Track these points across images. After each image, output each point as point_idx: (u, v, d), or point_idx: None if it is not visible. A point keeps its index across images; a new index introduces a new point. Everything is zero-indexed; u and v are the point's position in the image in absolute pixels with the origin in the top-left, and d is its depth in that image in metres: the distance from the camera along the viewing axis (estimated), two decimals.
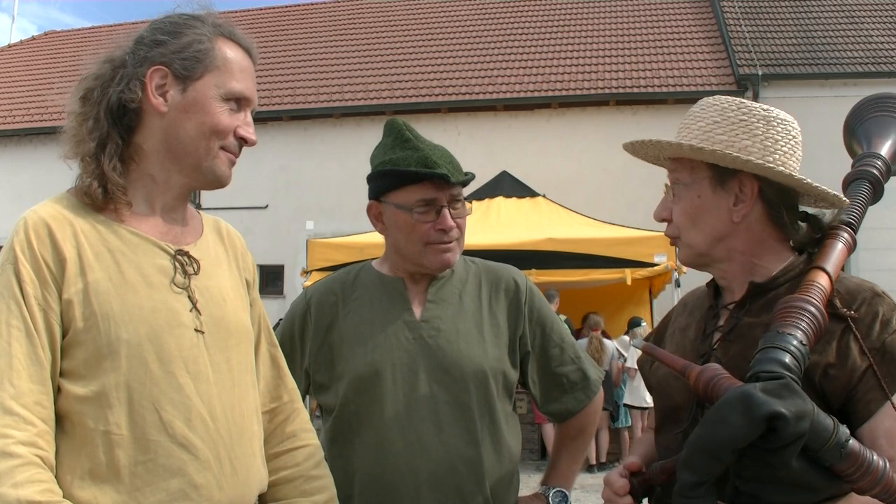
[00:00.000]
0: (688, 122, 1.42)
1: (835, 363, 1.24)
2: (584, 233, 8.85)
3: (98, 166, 1.30)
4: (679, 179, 1.41)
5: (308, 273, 8.75)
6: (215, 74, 1.34)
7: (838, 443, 1.11)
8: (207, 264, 1.39)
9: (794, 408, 1.08)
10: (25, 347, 1.18)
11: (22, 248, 1.23)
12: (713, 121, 1.38)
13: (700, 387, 1.19)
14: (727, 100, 1.40)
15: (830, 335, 1.25)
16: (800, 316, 1.21)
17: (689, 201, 1.40)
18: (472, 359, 1.74)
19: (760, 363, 1.17)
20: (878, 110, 1.52)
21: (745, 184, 1.35)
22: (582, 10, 17.43)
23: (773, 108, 1.39)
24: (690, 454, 1.14)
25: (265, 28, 18.44)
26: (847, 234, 1.37)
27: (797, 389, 1.12)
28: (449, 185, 1.73)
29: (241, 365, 1.39)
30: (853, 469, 1.11)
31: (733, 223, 1.37)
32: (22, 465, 1.12)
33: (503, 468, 1.75)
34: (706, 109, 1.40)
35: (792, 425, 1.07)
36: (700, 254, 1.41)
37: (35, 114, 15.82)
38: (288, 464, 1.49)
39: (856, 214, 1.40)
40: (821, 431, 1.10)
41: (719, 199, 1.37)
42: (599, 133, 13.51)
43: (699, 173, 1.38)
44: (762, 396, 1.09)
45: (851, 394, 1.23)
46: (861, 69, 13.43)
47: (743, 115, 1.36)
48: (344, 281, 1.89)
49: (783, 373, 1.13)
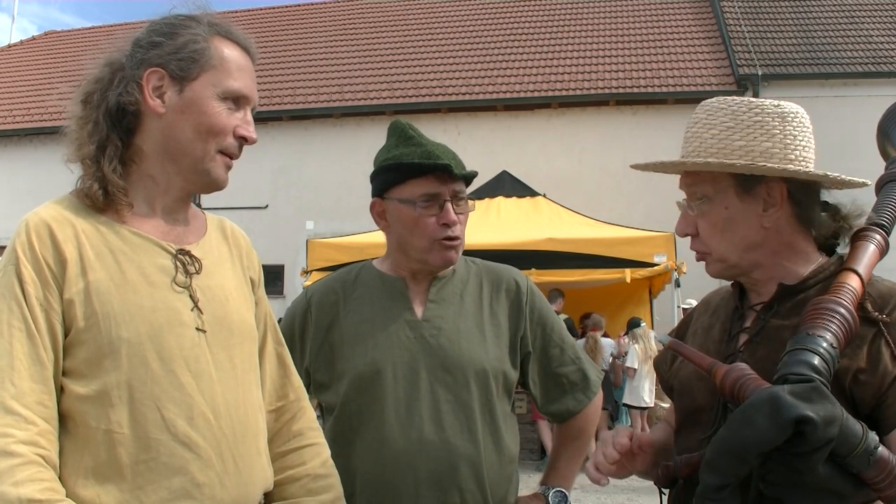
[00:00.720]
0: (698, 131, 1.37)
1: (865, 368, 1.21)
2: (584, 233, 8.85)
3: (98, 169, 1.31)
4: (701, 193, 1.36)
5: (308, 273, 8.75)
6: (212, 74, 1.34)
7: (867, 450, 1.08)
8: (210, 263, 1.39)
9: (823, 412, 1.06)
10: (27, 347, 1.19)
11: (23, 249, 1.24)
12: (726, 126, 1.33)
13: (727, 386, 1.17)
14: (735, 101, 1.35)
15: (861, 339, 1.22)
16: (830, 318, 1.18)
17: (716, 214, 1.35)
18: (473, 358, 1.74)
19: (789, 365, 1.13)
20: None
21: (772, 188, 1.31)
22: (582, 10, 17.44)
23: (781, 102, 1.35)
24: (714, 455, 1.11)
25: (265, 28, 18.45)
26: (880, 235, 1.33)
27: (826, 393, 1.09)
28: (452, 179, 1.74)
29: (245, 363, 1.39)
30: (881, 477, 1.09)
31: (764, 229, 1.33)
32: (22, 464, 1.12)
33: (503, 467, 1.75)
34: (715, 114, 1.35)
35: (820, 430, 1.05)
36: (733, 265, 1.37)
37: (35, 114, 15.84)
38: (294, 462, 1.49)
39: (888, 216, 1.36)
40: (850, 437, 1.08)
41: (748, 207, 1.33)
42: (599, 133, 13.53)
43: (722, 183, 1.34)
44: (790, 399, 1.06)
45: (881, 400, 1.19)
46: (861, 69, 13.44)
47: (756, 115, 1.32)
48: (345, 280, 1.89)
49: (812, 376, 1.10)
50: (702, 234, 1.38)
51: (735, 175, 1.32)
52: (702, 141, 1.35)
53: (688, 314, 1.63)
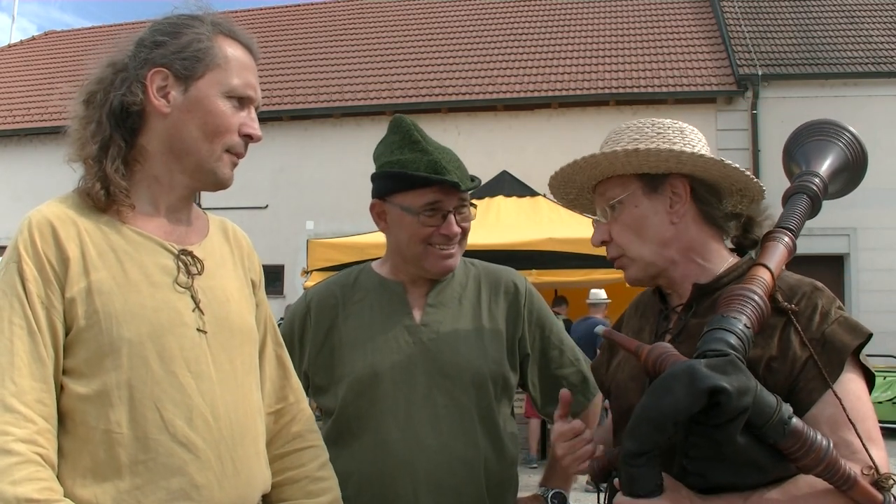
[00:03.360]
0: (608, 145, 1.46)
1: (777, 356, 1.28)
2: (584, 233, 8.75)
3: (101, 169, 1.31)
4: (612, 197, 1.45)
5: (308, 273, 8.74)
6: (216, 72, 1.35)
7: (781, 419, 1.14)
8: (212, 264, 1.39)
9: (737, 383, 1.12)
10: (27, 345, 1.19)
11: (25, 247, 1.24)
12: (632, 138, 1.43)
13: (650, 362, 1.24)
14: (640, 120, 1.47)
15: (772, 329, 1.30)
16: (744, 302, 1.26)
17: (627, 214, 1.44)
18: (471, 362, 1.74)
19: (707, 343, 1.21)
20: (817, 135, 1.59)
21: (676, 185, 1.41)
22: (582, 10, 17.43)
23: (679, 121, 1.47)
24: (634, 423, 1.17)
25: (265, 28, 18.44)
26: (787, 237, 1.41)
27: (741, 366, 1.15)
28: (457, 190, 1.73)
29: (245, 365, 1.39)
30: (797, 446, 1.14)
31: (673, 224, 1.42)
32: (21, 463, 1.12)
33: (502, 471, 1.75)
34: (622, 133, 1.46)
35: (735, 399, 1.11)
36: (649, 263, 1.45)
37: (35, 114, 15.82)
38: (293, 464, 1.49)
39: (794, 221, 1.44)
40: (764, 407, 1.14)
41: (656, 204, 1.42)
42: (599, 133, 13.36)
43: (630, 185, 1.43)
44: (706, 371, 1.12)
45: (794, 384, 1.26)
46: (861, 69, 13.43)
47: (658, 129, 1.43)
48: (344, 283, 1.89)
49: (728, 351, 1.17)
50: (615, 237, 1.47)
51: (641, 176, 1.42)
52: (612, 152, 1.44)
53: (621, 316, 1.71)
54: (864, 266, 12.70)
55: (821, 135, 1.58)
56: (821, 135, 1.58)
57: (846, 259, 12.88)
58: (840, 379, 1.25)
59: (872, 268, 12.58)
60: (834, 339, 1.27)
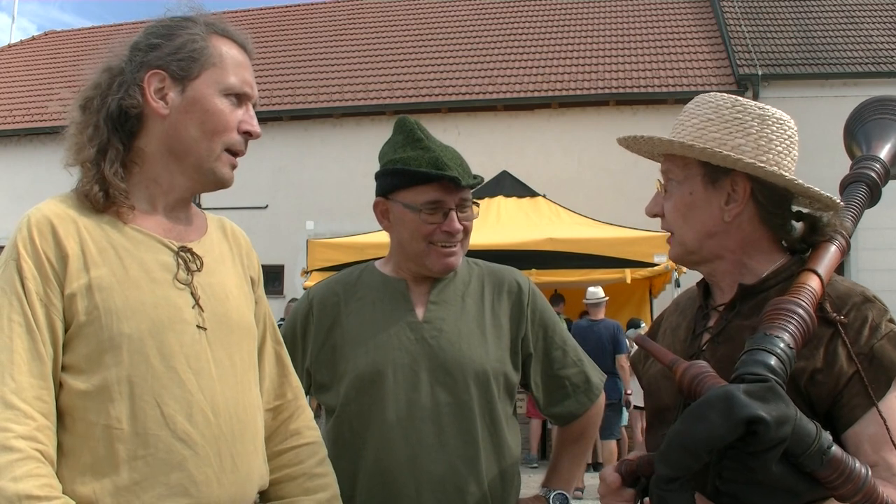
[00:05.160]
0: (682, 119, 1.41)
1: (822, 368, 1.22)
2: (584, 233, 8.85)
3: (98, 171, 1.31)
4: (672, 176, 1.41)
5: (308, 273, 8.75)
6: (212, 72, 1.35)
7: (820, 449, 1.09)
8: (211, 261, 1.40)
9: (776, 412, 1.07)
10: (26, 342, 1.19)
11: (24, 245, 1.24)
12: (707, 118, 1.36)
13: (685, 383, 1.18)
14: (722, 97, 1.38)
15: (819, 340, 1.24)
16: (788, 318, 1.20)
17: (680, 197, 1.39)
18: (473, 360, 1.74)
19: (746, 365, 1.15)
20: (879, 113, 1.51)
21: (737, 183, 1.34)
22: (582, 10, 17.43)
23: (769, 106, 1.37)
24: (667, 448, 1.13)
25: (265, 28, 18.45)
26: (841, 237, 1.36)
27: (781, 393, 1.10)
28: (458, 188, 1.73)
29: (244, 362, 1.39)
30: (835, 476, 1.10)
31: (724, 222, 1.35)
32: (21, 460, 1.12)
33: (504, 469, 1.75)
34: (701, 106, 1.39)
35: (773, 430, 1.06)
36: (690, 251, 1.40)
37: (35, 114, 15.83)
38: (291, 461, 1.50)
39: (851, 218, 1.39)
40: (803, 437, 1.09)
41: (711, 196, 1.36)
42: (599, 133, 13.50)
43: (691, 170, 1.37)
44: (744, 399, 1.07)
45: (837, 399, 1.21)
46: (861, 69, 13.43)
47: (737, 112, 1.35)
48: (346, 281, 1.89)
49: (768, 375, 1.12)
50: (666, 215, 1.42)
51: (704, 164, 1.35)
52: (683, 129, 1.39)
53: (661, 314, 1.66)
54: (864, 266, 12.70)
55: (883, 112, 1.50)
56: (883, 112, 1.50)
57: (846, 259, 12.87)
58: (886, 397, 1.20)
59: (872, 268, 12.58)
60: (882, 356, 1.21)
